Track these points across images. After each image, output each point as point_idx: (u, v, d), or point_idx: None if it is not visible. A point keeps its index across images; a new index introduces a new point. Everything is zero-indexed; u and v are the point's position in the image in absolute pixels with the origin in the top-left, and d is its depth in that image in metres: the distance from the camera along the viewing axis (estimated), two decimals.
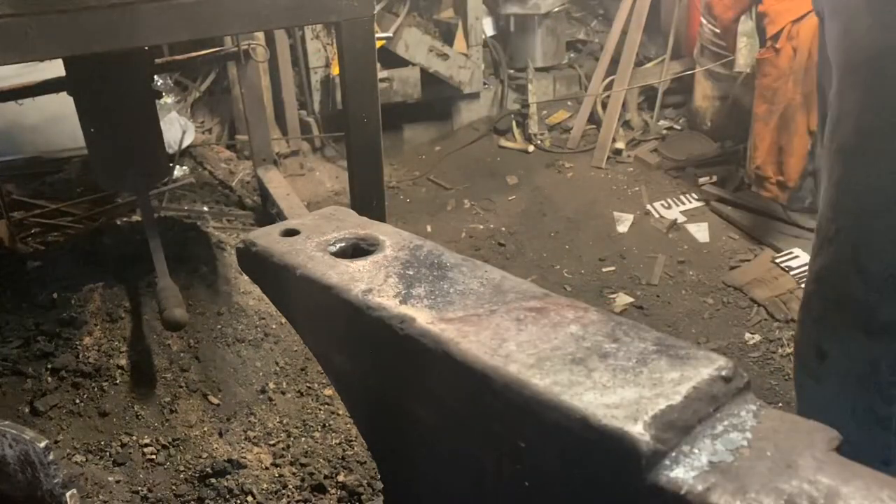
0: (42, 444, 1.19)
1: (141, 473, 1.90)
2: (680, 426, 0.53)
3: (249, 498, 1.85)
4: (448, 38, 4.14)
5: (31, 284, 2.29)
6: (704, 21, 3.69)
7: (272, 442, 2.03)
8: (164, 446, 1.97)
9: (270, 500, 1.86)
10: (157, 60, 2.66)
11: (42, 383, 2.04)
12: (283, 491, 1.89)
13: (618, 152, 4.01)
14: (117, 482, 1.87)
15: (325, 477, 1.93)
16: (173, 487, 1.88)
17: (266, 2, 1.76)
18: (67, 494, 1.21)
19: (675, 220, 3.40)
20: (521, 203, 3.66)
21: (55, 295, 2.22)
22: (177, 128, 3.53)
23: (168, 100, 3.63)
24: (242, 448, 2.00)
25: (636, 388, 0.55)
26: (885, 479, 0.50)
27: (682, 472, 0.51)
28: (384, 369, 0.75)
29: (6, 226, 2.86)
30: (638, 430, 0.51)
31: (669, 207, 3.52)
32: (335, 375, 0.88)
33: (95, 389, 2.05)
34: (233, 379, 2.15)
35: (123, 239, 2.51)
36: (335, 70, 3.81)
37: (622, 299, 2.89)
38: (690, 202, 3.54)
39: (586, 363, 0.59)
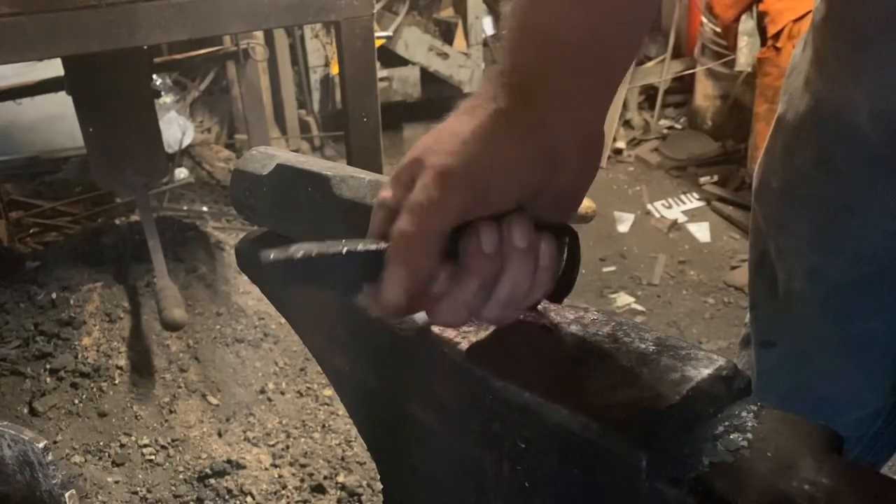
0: (41, 445, 1.18)
1: (140, 474, 1.90)
2: (680, 427, 0.53)
3: (249, 498, 1.85)
4: (448, 37, 4.13)
5: (29, 284, 2.29)
6: (705, 20, 3.68)
7: (271, 442, 2.02)
8: (163, 447, 1.96)
9: (270, 500, 1.86)
10: (156, 60, 2.66)
11: (41, 384, 2.04)
12: (283, 492, 1.89)
13: (618, 152, 4.01)
14: (116, 483, 1.87)
15: (325, 477, 1.92)
16: (172, 488, 1.87)
17: (265, 1, 1.75)
18: (66, 495, 1.20)
19: (676, 219, 3.39)
20: None
21: (54, 295, 2.22)
22: (175, 127, 3.52)
23: (167, 99, 3.62)
24: (242, 448, 1.99)
25: (636, 389, 0.55)
26: (887, 480, 0.49)
27: (682, 474, 0.50)
28: (384, 370, 0.74)
29: (5, 226, 2.85)
30: (638, 432, 0.51)
31: (670, 207, 3.51)
32: (334, 376, 0.88)
33: (94, 390, 2.05)
34: (232, 379, 2.15)
35: (122, 239, 2.50)
36: (334, 69, 3.80)
37: (623, 299, 2.89)
38: (691, 202, 3.54)
39: (586, 363, 0.59)
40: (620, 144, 4.02)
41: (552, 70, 0.55)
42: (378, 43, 2.18)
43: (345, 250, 0.52)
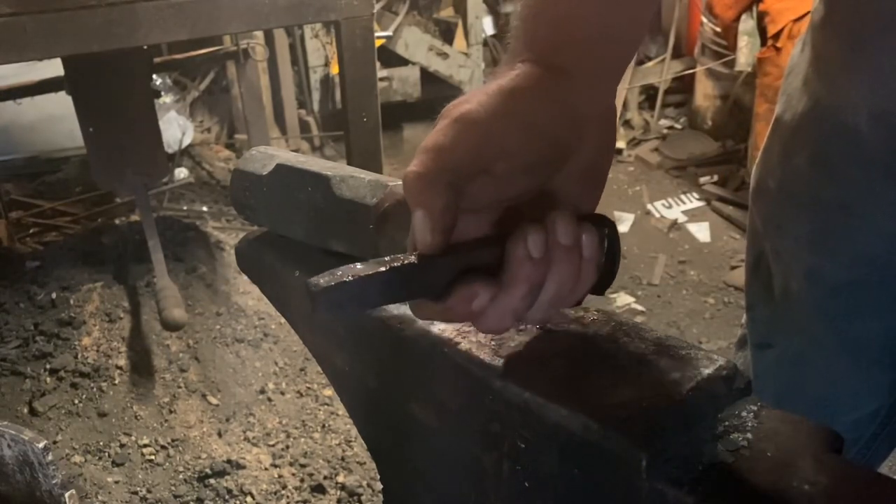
0: (41, 445, 1.18)
1: (140, 474, 1.90)
2: (680, 427, 0.53)
3: (249, 498, 1.85)
4: (448, 37, 4.13)
5: (29, 284, 2.29)
6: (705, 20, 3.68)
7: (271, 442, 2.02)
8: (163, 447, 1.96)
9: (270, 500, 1.86)
10: (156, 59, 2.65)
11: (41, 384, 2.04)
12: (283, 492, 1.89)
13: (618, 152, 4.01)
14: (116, 483, 1.87)
15: (325, 477, 1.92)
16: (172, 488, 1.87)
17: (265, 1, 1.75)
18: (66, 495, 1.20)
19: (676, 219, 3.39)
20: None
21: (54, 295, 2.22)
22: (175, 127, 3.53)
23: (167, 99, 3.62)
24: (242, 448, 1.99)
25: (636, 389, 0.55)
26: (886, 480, 0.49)
27: (682, 474, 0.50)
28: (384, 370, 0.74)
29: (5, 226, 2.85)
30: (638, 432, 0.51)
31: (670, 207, 3.51)
32: (334, 376, 0.88)
33: (94, 390, 2.05)
34: (232, 379, 2.15)
35: (122, 239, 2.51)
36: (334, 69, 3.80)
37: (623, 299, 2.89)
38: (691, 202, 3.53)
39: (586, 363, 0.59)
40: (620, 144, 4.02)
41: (569, 49, 0.57)
42: (378, 43, 2.18)
43: (389, 266, 0.50)
